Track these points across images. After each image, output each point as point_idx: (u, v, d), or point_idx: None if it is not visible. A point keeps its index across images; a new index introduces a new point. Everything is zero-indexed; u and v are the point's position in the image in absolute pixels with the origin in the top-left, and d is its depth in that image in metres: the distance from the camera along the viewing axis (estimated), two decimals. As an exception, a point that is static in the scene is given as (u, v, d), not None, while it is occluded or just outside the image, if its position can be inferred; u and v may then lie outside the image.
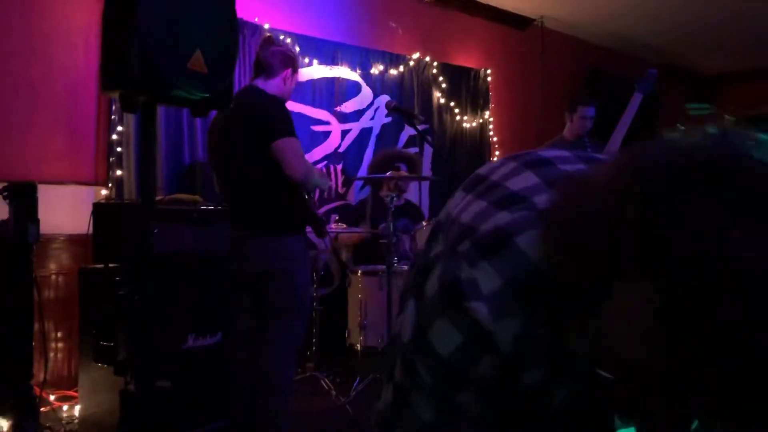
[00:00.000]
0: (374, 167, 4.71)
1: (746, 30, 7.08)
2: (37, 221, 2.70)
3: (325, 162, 5.03)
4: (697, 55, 7.73)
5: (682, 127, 0.71)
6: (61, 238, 3.75)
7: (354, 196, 5.24)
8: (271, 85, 2.93)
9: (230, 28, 1.81)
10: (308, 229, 3.02)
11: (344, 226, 4.38)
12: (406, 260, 4.43)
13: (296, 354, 2.95)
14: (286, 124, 2.81)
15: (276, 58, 2.95)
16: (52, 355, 3.70)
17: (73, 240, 3.74)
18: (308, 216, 2.98)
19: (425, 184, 5.62)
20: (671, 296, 0.57)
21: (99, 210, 3.14)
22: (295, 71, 3.01)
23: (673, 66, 7.73)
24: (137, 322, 1.69)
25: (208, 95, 1.71)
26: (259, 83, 2.93)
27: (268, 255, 2.82)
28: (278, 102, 2.89)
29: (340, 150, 5.16)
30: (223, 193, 3.06)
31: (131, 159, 3.93)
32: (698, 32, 7.15)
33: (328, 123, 5.07)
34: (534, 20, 6.81)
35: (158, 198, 3.39)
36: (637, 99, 4.53)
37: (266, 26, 4.58)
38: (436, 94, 5.89)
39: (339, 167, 5.12)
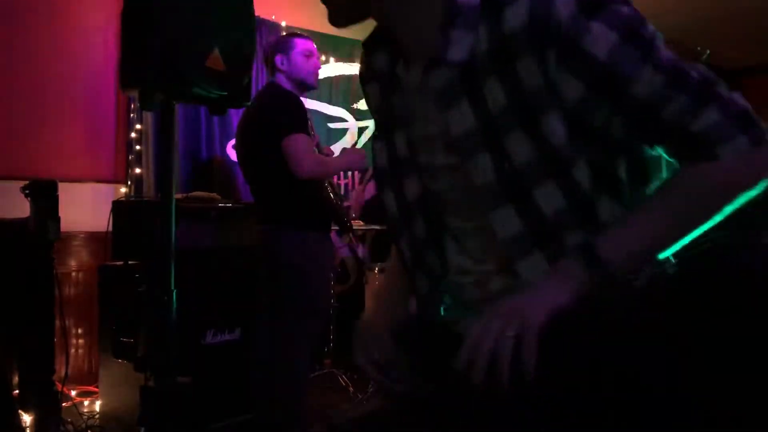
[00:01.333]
0: None
1: (761, 23, 6.98)
2: (57, 219, 2.73)
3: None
4: (722, 47, 7.63)
5: None
6: (81, 235, 3.79)
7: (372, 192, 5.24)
8: (280, 79, 2.93)
9: (248, 26, 1.81)
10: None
11: (362, 223, 4.38)
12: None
13: (312, 351, 2.94)
14: (292, 120, 2.75)
15: (265, 53, 2.95)
16: (72, 351, 3.74)
17: (93, 237, 3.78)
18: (330, 212, 2.95)
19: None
20: None
21: (118, 207, 3.17)
22: (285, 51, 2.92)
23: (693, 60, 7.64)
24: (156, 319, 1.71)
25: (225, 93, 1.72)
26: (273, 80, 2.95)
27: (283, 250, 2.81)
28: (287, 96, 2.85)
29: (358, 147, 5.16)
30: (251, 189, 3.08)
31: (150, 157, 3.96)
32: (718, 26, 7.06)
33: (345, 120, 5.08)
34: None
35: (177, 196, 3.41)
36: None
37: (283, 24, 4.59)
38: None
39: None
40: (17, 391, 2.72)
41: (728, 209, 0.89)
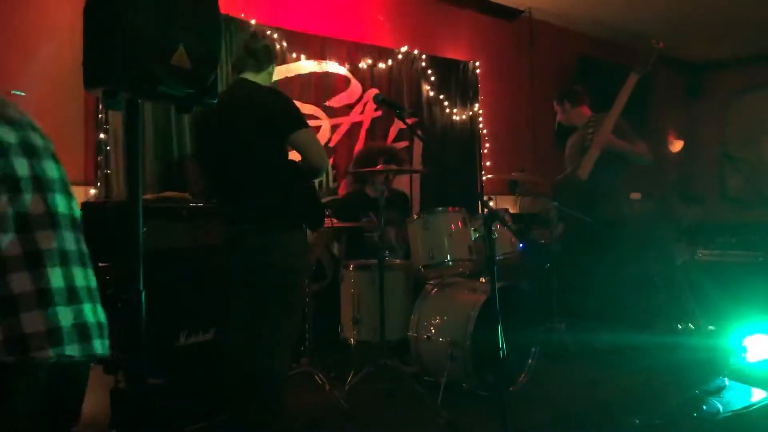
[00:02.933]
0: (358, 163, 4.71)
1: (734, 16, 7.10)
2: (25, 221, 2.68)
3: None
4: (686, 42, 7.74)
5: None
6: (51, 238, 3.73)
7: (345, 190, 5.23)
8: (261, 79, 2.91)
9: (214, 23, 1.79)
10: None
11: (335, 220, 4.37)
12: (394, 252, 4.44)
13: (291, 349, 2.94)
14: (300, 115, 2.81)
15: (264, 53, 2.93)
16: (44, 355, 3.68)
17: (63, 240, 3.72)
18: (316, 209, 2.96)
19: (416, 177, 5.62)
20: None
21: (87, 209, 3.12)
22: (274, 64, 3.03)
23: (662, 53, 7.75)
24: (126, 320, 1.69)
25: (192, 91, 1.70)
26: (250, 77, 2.91)
27: (268, 249, 2.79)
28: (282, 93, 2.89)
29: (330, 144, 5.15)
30: (215, 188, 3.02)
31: (120, 157, 3.91)
32: (687, 19, 7.16)
33: (317, 118, 5.06)
34: (522, 11, 6.80)
35: (147, 196, 3.38)
36: (632, 79, 4.54)
37: (253, 22, 4.56)
38: (425, 87, 5.88)
39: (330, 162, 5.11)
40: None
41: None
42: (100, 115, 3.89)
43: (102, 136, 3.87)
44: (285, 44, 4.79)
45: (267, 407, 2.78)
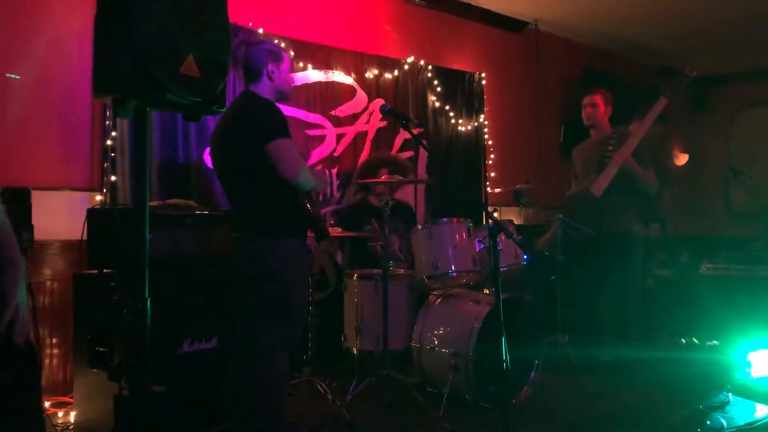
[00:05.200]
0: (363, 172, 4.72)
1: (740, 30, 7.11)
2: (31, 227, 2.70)
3: (320, 166, 5.03)
4: (692, 55, 7.75)
5: None
6: (56, 243, 3.74)
7: (349, 200, 5.24)
8: (262, 87, 2.93)
9: (223, 33, 1.81)
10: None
11: (339, 229, 4.38)
12: (398, 262, 4.44)
13: (290, 359, 2.93)
14: (277, 124, 2.78)
15: (254, 58, 2.93)
16: (47, 361, 3.69)
17: (68, 246, 3.73)
18: (308, 219, 2.95)
19: (420, 188, 5.63)
20: None
21: (93, 215, 3.14)
22: (277, 62, 2.95)
23: (667, 67, 7.76)
24: (131, 327, 1.69)
25: (200, 100, 1.71)
26: (251, 87, 2.94)
27: (262, 257, 2.81)
28: (267, 104, 2.87)
29: (336, 154, 5.16)
30: (225, 195, 3.06)
31: (126, 164, 3.92)
32: (692, 34, 7.18)
33: (322, 127, 5.08)
34: (528, 23, 6.82)
35: (153, 203, 3.39)
36: (661, 103, 4.49)
37: (260, 31, 4.58)
38: (431, 97, 5.89)
39: (334, 171, 5.12)
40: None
41: None
42: (107, 122, 3.90)
43: (108, 142, 3.89)
44: (292, 53, 4.81)
45: (267, 415, 2.78)
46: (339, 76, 5.19)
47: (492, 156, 6.45)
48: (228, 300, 2.99)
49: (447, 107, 6.01)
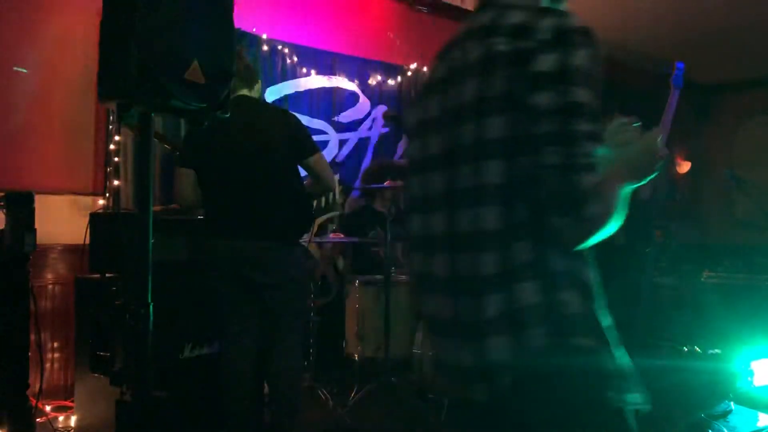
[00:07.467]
0: (367, 178, 4.72)
1: (744, 38, 7.11)
2: (33, 231, 2.69)
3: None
4: (695, 63, 7.75)
5: None
6: (58, 247, 3.75)
7: (352, 205, 5.24)
8: (255, 95, 2.99)
9: (228, 38, 1.80)
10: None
11: (341, 235, 4.38)
12: (400, 268, 4.42)
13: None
14: (312, 138, 2.96)
15: (245, 73, 2.94)
16: (48, 365, 3.68)
17: (70, 250, 3.74)
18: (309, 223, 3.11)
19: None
20: None
21: (95, 220, 3.14)
22: None
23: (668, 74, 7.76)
24: (133, 332, 1.69)
25: (205, 105, 1.71)
26: (246, 93, 2.93)
27: (287, 264, 2.88)
28: (297, 117, 3.01)
29: (338, 160, 5.16)
30: (220, 201, 2.97)
31: (129, 169, 3.92)
32: (696, 41, 7.18)
33: (325, 133, 5.08)
34: (531, 31, 6.82)
35: (155, 208, 3.39)
36: (675, 95, 4.45)
37: (264, 36, 4.59)
38: (434, 104, 5.89)
39: (336, 177, 5.11)
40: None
41: None
42: (110, 127, 3.91)
43: (112, 147, 3.89)
44: (296, 59, 4.82)
45: (291, 405, 2.87)
46: (342, 82, 5.20)
47: (494, 162, 6.44)
48: (240, 305, 2.95)
49: (450, 114, 6.01)
